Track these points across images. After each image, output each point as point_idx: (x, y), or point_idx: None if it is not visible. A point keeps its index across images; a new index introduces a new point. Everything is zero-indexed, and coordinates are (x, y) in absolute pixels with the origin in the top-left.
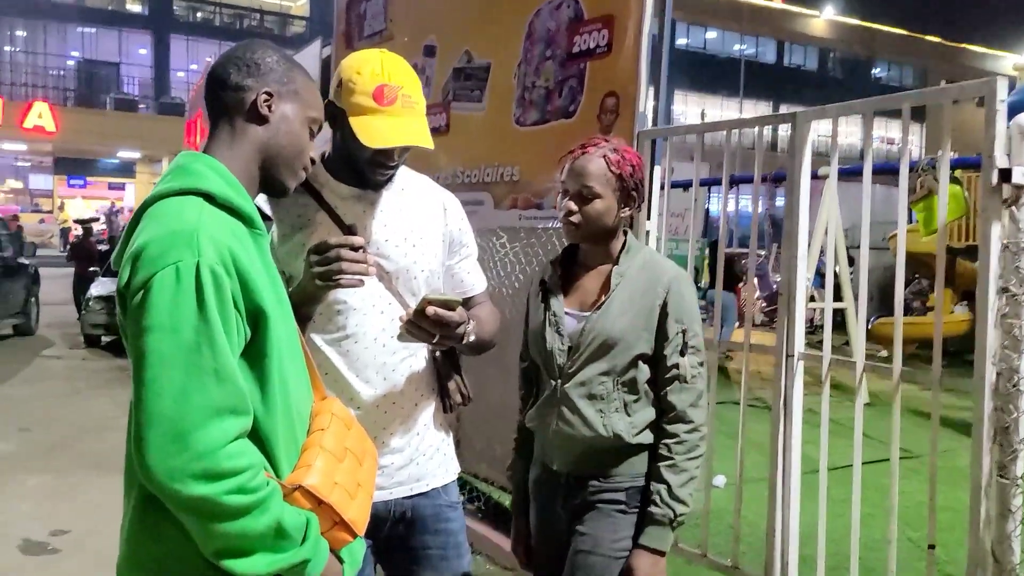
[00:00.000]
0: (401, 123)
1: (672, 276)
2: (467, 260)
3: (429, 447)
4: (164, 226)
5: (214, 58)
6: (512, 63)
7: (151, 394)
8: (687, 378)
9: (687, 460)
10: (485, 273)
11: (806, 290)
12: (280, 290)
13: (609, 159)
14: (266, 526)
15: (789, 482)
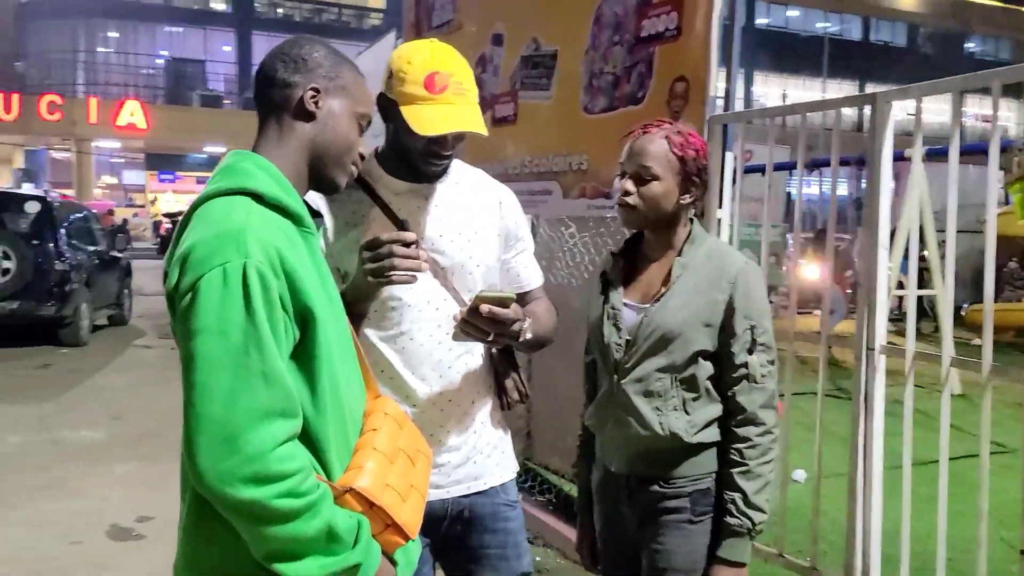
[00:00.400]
0: (453, 111)
1: (740, 269)
2: (523, 254)
3: (487, 445)
4: (211, 227)
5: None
6: (580, 49)
7: (201, 397)
8: (757, 378)
9: (761, 464)
10: (554, 264)
11: (891, 277)
12: (331, 289)
13: (672, 140)
14: (317, 530)
15: (871, 479)
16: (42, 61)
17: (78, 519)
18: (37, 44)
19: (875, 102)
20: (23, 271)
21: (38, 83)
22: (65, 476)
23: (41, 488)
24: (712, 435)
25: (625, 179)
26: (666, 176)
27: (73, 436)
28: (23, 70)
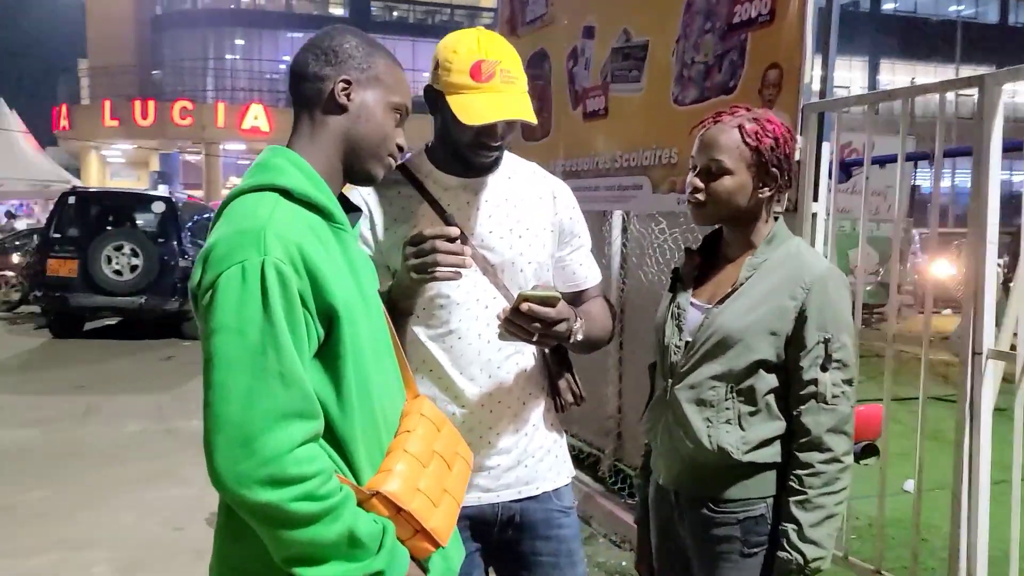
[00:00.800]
0: (501, 99)
1: (819, 275)
2: (579, 251)
3: (539, 448)
4: (234, 224)
5: (410, 53)
6: (670, 39)
7: (218, 398)
8: (827, 398)
9: (823, 495)
10: (644, 260)
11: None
12: (365, 286)
13: (745, 130)
14: (338, 534)
15: (977, 492)
16: (175, 69)
17: (182, 506)
18: (171, 54)
19: (983, 84)
20: (150, 268)
21: (172, 90)
22: (175, 464)
23: (152, 475)
24: (768, 456)
25: (694, 174)
26: (739, 169)
27: (186, 426)
28: (159, 79)
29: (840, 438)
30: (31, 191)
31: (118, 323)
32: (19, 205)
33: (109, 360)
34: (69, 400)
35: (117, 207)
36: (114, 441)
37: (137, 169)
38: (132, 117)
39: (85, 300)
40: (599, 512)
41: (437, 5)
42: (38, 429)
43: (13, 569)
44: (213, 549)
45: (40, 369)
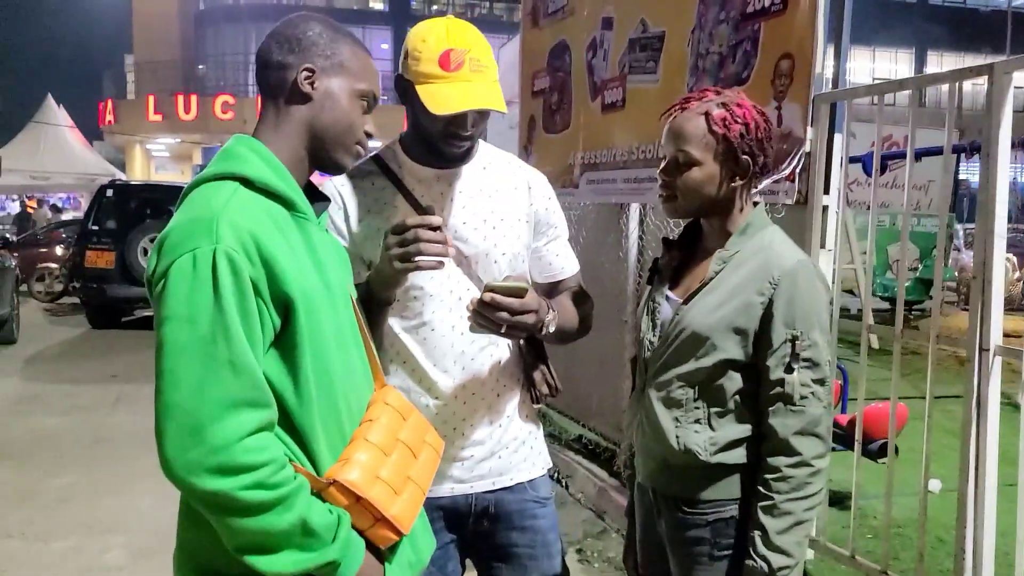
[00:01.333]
0: (470, 88)
1: (788, 269)
2: (555, 242)
3: (513, 440)
4: (189, 213)
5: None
6: (686, 30)
7: (168, 385)
8: (795, 399)
9: (790, 501)
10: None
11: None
12: (331, 275)
13: (712, 117)
14: (290, 523)
15: (983, 494)
16: (217, 64)
17: None
18: (213, 48)
19: (991, 73)
20: None
21: (214, 85)
22: None
23: None
24: (738, 457)
25: (662, 166)
26: (706, 159)
27: None
28: (202, 73)
29: (809, 441)
30: (78, 184)
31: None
32: (66, 198)
33: (143, 350)
34: (102, 389)
35: (154, 199)
36: (141, 429)
37: (181, 163)
38: (175, 111)
39: (122, 291)
40: (612, 507)
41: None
42: (69, 417)
43: (32, 552)
44: (176, 538)
45: (76, 359)
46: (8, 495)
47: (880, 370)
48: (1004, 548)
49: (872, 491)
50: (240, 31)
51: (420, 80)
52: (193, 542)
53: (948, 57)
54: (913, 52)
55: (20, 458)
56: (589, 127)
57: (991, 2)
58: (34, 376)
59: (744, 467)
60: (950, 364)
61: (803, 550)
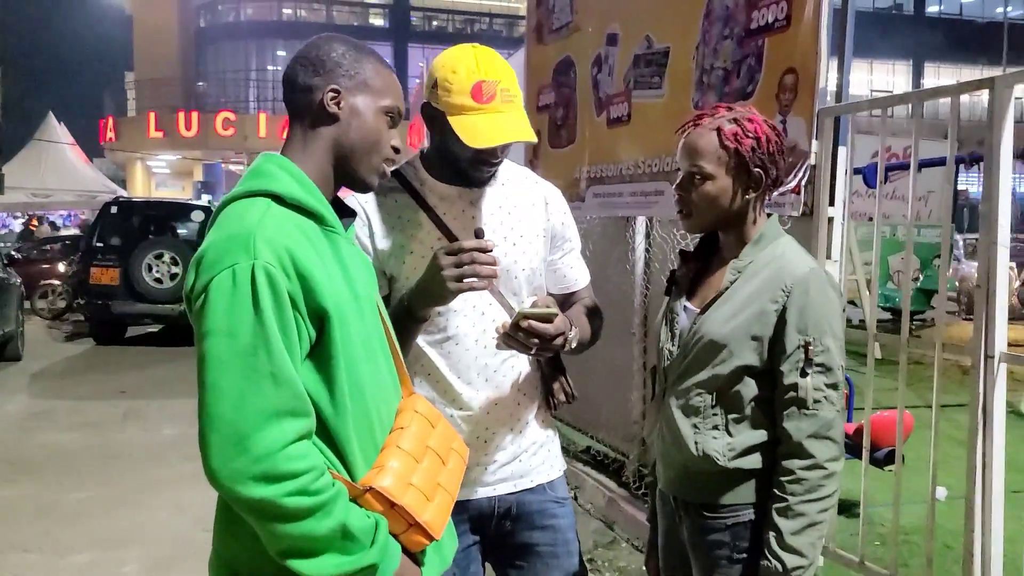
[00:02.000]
0: (502, 119)
1: (800, 276)
2: (570, 255)
3: (532, 444)
4: (225, 230)
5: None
6: (691, 46)
7: (212, 397)
8: (808, 403)
9: (804, 503)
10: (666, 265)
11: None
12: (360, 287)
13: (724, 133)
14: (330, 528)
15: (990, 500)
16: (218, 81)
17: (212, 507)
18: (214, 65)
19: (993, 86)
20: None
21: (215, 101)
22: None
23: (186, 477)
24: (756, 462)
25: (678, 182)
26: (719, 174)
27: None
28: (202, 90)
29: (822, 444)
30: (79, 201)
31: (159, 330)
32: (67, 215)
33: (149, 366)
34: (110, 404)
35: (158, 216)
36: (151, 444)
37: (181, 179)
38: (176, 128)
39: (126, 307)
40: (622, 517)
41: (475, 14)
42: (80, 433)
43: (49, 566)
44: (212, 546)
45: (83, 374)
46: (25, 510)
47: (883, 379)
48: (1011, 554)
49: (879, 499)
50: (240, 48)
51: (453, 111)
52: (231, 549)
53: (945, 68)
54: (910, 64)
55: (35, 473)
56: (595, 141)
57: (987, 14)
58: (41, 393)
59: (760, 472)
60: (953, 373)
61: (817, 551)
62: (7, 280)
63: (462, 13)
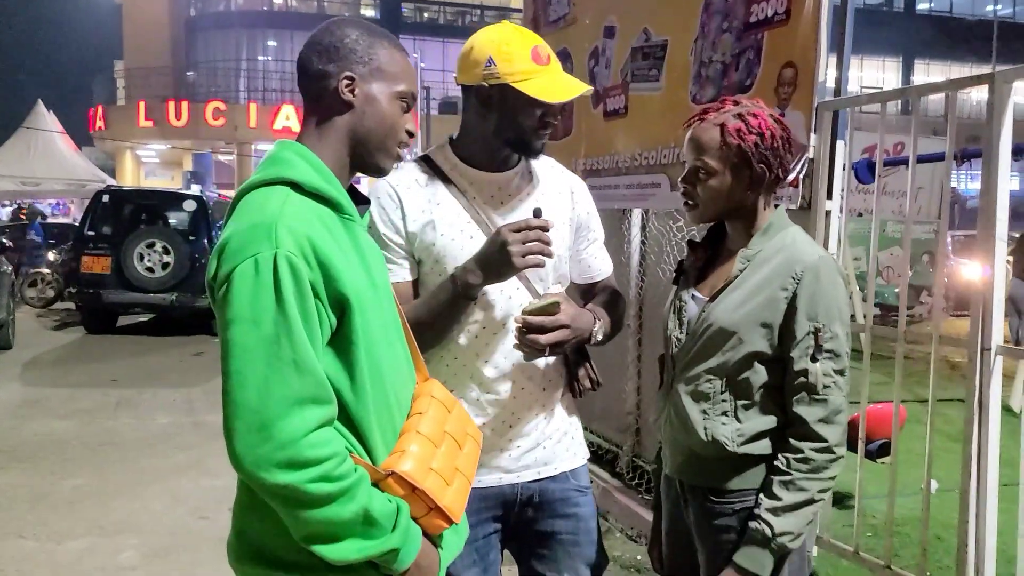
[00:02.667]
0: (563, 77)
1: (810, 264)
2: (594, 245)
3: (556, 431)
4: (246, 219)
5: (440, 53)
6: (689, 39)
7: (235, 385)
8: (818, 388)
9: (808, 480)
10: (662, 257)
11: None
12: (375, 274)
13: (727, 128)
14: (353, 513)
15: (985, 492)
16: (208, 70)
17: (209, 496)
18: (204, 55)
19: (992, 82)
20: (181, 265)
21: (205, 91)
22: (203, 456)
23: (180, 466)
24: (764, 448)
25: (684, 175)
26: (722, 169)
27: (215, 420)
28: (193, 80)
29: (832, 428)
30: (68, 190)
31: (150, 319)
32: (55, 204)
33: (141, 355)
34: (103, 393)
35: (150, 206)
36: (145, 433)
37: (171, 169)
38: (166, 118)
39: (118, 297)
40: (616, 507)
41: (467, 6)
42: (73, 421)
43: (46, 553)
44: (232, 527)
45: (75, 364)
46: (21, 497)
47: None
48: (1001, 545)
49: (871, 491)
50: (231, 37)
51: (519, 78)
52: (256, 529)
53: (935, 65)
54: (900, 60)
55: (29, 460)
56: (591, 134)
57: (977, 12)
58: (34, 381)
59: (769, 457)
60: (942, 368)
61: (805, 528)
62: None
63: (453, 5)
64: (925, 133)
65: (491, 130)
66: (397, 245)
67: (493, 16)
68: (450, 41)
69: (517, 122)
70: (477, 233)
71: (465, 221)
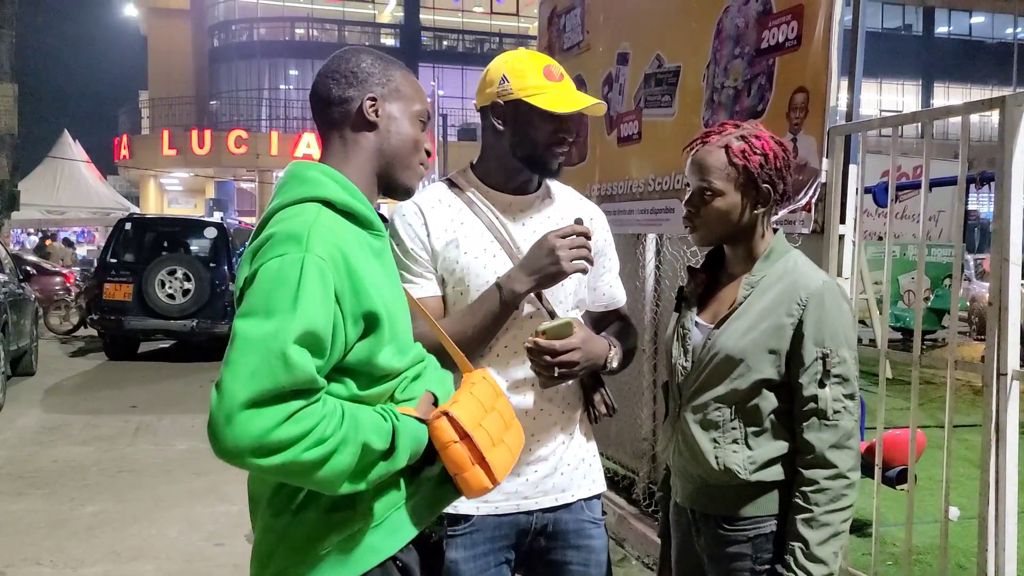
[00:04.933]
0: (575, 92)
1: (815, 290)
2: (609, 273)
3: (574, 457)
4: (282, 226)
5: (459, 80)
6: (701, 65)
7: (229, 374)
8: (828, 414)
9: (828, 513)
10: (676, 282)
11: None
12: (397, 289)
13: (732, 150)
14: (353, 455)
15: (1004, 519)
16: (231, 99)
17: (224, 522)
18: (227, 84)
19: (1004, 106)
20: (201, 292)
21: (227, 120)
22: (219, 482)
23: (197, 492)
24: (776, 474)
25: (687, 197)
26: (728, 190)
27: None
28: (215, 109)
29: (844, 453)
30: (92, 218)
31: (171, 346)
32: (80, 232)
33: (161, 381)
34: (122, 419)
35: (171, 233)
36: (163, 459)
37: (194, 196)
38: (189, 146)
39: (139, 323)
40: (632, 535)
41: (485, 34)
42: (92, 447)
43: None
44: (257, 527)
45: (95, 390)
46: (38, 523)
47: (893, 399)
48: (1023, 573)
49: (891, 518)
50: (253, 67)
51: (532, 92)
52: (280, 527)
53: (954, 88)
54: (919, 84)
55: (48, 487)
56: (605, 159)
57: (996, 35)
58: (55, 407)
59: (782, 484)
60: (965, 393)
61: (839, 560)
62: (22, 296)
63: (472, 33)
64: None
65: (507, 148)
66: (424, 260)
67: (511, 43)
68: (468, 68)
69: (530, 136)
70: (500, 252)
71: (488, 240)
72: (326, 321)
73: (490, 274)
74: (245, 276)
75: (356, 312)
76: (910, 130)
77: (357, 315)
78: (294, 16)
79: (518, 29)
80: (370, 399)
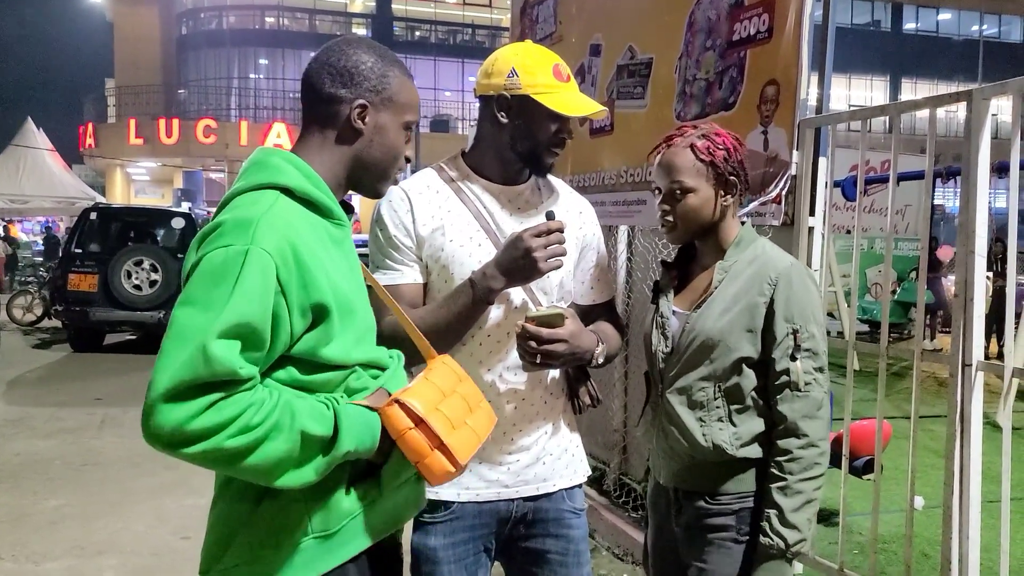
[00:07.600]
0: (582, 96)
1: (783, 270)
2: (597, 267)
3: (557, 447)
4: (233, 214)
5: (431, 72)
6: (673, 57)
7: (158, 365)
8: (799, 385)
9: (802, 480)
10: (648, 274)
11: (986, 289)
12: (359, 278)
13: (697, 148)
14: (290, 442)
15: (967, 508)
16: (199, 88)
17: (192, 516)
18: (196, 73)
19: (970, 100)
20: (169, 283)
21: (196, 109)
22: (186, 475)
23: (164, 486)
24: (757, 451)
25: (660, 199)
26: (700, 185)
27: None
28: (184, 97)
29: (815, 423)
30: (57, 208)
31: (137, 337)
32: (44, 222)
33: (127, 374)
34: (87, 412)
35: (137, 223)
36: (129, 452)
37: (161, 186)
38: (157, 135)
39: (105, 314)
40: (603, 525)
41: (458, 25)
42: (56, 440)
43: (26, 574)
44: (210, 517)
45: (60, 382)
46: (0, 517)
47: (861, 390)
48: (987, 562)
49: (857, 508)
50: (223, 56)
51: (540, 90)
52: (230, 515)
53: (922, 84)
54: (888, 79)
55: (11, 480)
56: (577, 151)
57: (963, 32)
58: (17, 400)
59: (760, 462)
60: (930, 385)
61: (812, 527)
62: None
63: (445, 24)
64: (913, 151)
65: (506, 140)
66: (407, 247)
67: (484, 35)
68: (441, 59)
69: (533, 134)
70: (485, 241)
71: (475, 229)
72: (263, 314)
73: (475, 263)
74: (192, 262)
75: (304, 304)
76: (878, 125)
77: (305, 307)
78: (264, 4)
79: (491, 20)
80: (314, 385)
